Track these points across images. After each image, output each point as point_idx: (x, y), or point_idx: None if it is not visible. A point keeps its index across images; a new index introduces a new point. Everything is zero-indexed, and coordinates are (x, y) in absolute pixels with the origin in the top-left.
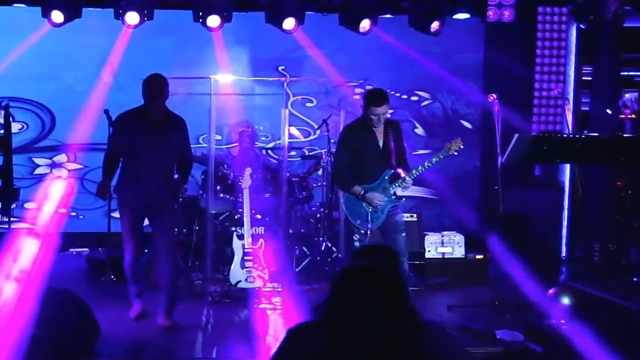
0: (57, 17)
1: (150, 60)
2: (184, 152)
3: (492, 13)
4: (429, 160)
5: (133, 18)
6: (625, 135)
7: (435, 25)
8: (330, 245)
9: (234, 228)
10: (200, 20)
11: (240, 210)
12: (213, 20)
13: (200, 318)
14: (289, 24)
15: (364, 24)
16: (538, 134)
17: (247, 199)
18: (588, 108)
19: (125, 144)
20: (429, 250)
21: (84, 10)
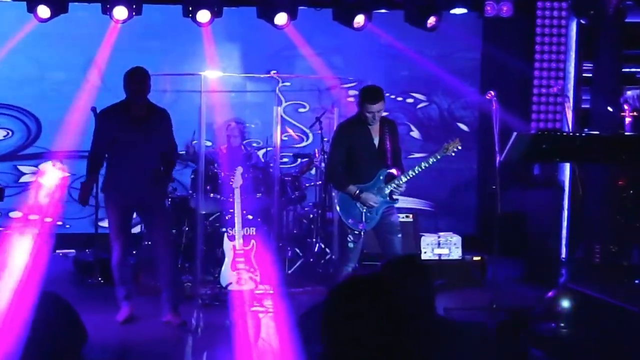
0: (43, 12)
1: (139, 58)
2: (169, 145)
3: (489, 8)
4: (426, 161)
5: (121, 13)
6: (627, 134)
7: (432, 21)
8: (324, 247)
9: (225, 229)
10: (190, 16)
11: (231, 211)
12: (203, 16)
13: (190, 321)
14: (281, 19)
15: (358, 20)
16: (537, 132)
17: (238, 199)
18: (588, 105)
19: (109, 140)
20: (425, 252)
21: (71, 5)
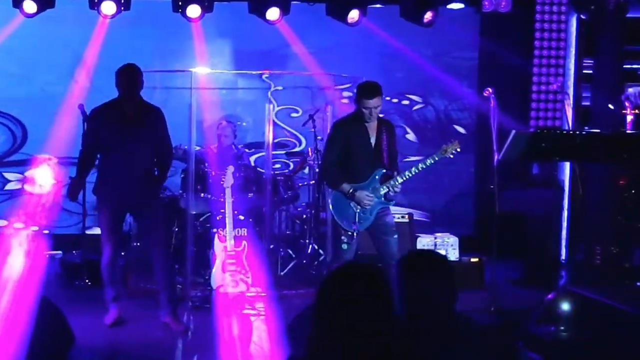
0: (29, 7)
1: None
2: (163, 144)
3: (487, 3)
4: (423, 162)
5: (109, 8)
6: (628, 132)
7: (428, 16)
8: (317, 248)
9: (216, 230)
10: (180, 11)
11: (222, 211)
12: (193, 10)
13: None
14: (273, 15)
15: (353, 15)
16: (536, 130)
17: (229, 199)
18: (589, 103)
19: (101, 140)
20: None
21: (58, 1)
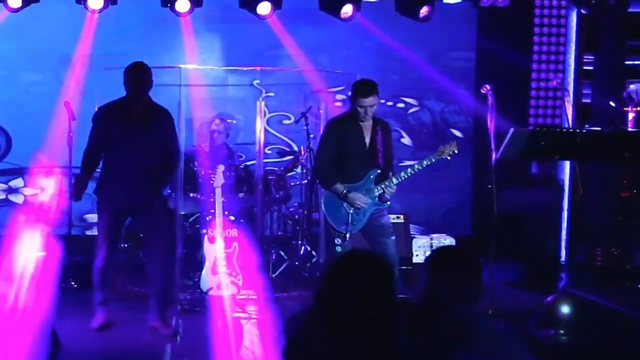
0: (14, 1)
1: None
2: (170, 147)
3: None
4: (419, 163)
5: (96, 2)
6: (630, 130)
7: (424, 11)
8: (310, 249)
9: (205, 230)
10: (169, 5)
11: (212, 211)
12: (182, 5)
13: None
14: (264, 9)
15: (346, 9)
16: (535, 128)
17: (219, 199)
18: (589, 100)
19: (105, 139)
20: (417, 255)
21: None
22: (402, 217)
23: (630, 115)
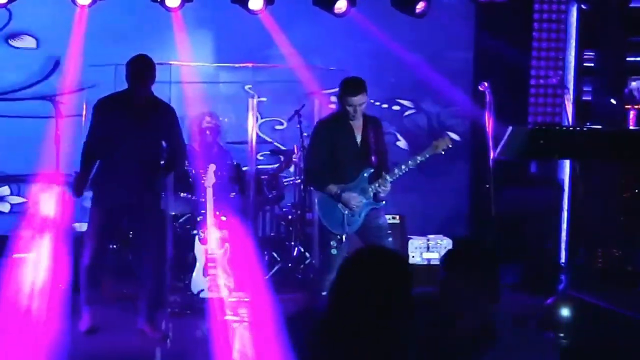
0: None
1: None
2: (172, 142)
3: None
4: (413, 159)
5: None
6: (632, 128)
7: (421, 6)
8: (303, 251)
9: (196, 231)
10: (159, 0)
11: (203, 212)
12: (172, 0)
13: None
14: (256, 4)
15: (340, 4)
16: (534, 127)
17: (210, 199)
18: (590, 98)
19: (105, 132)
20: (413, 256)
21: None
22: (397, 217)
23: (632, 114)
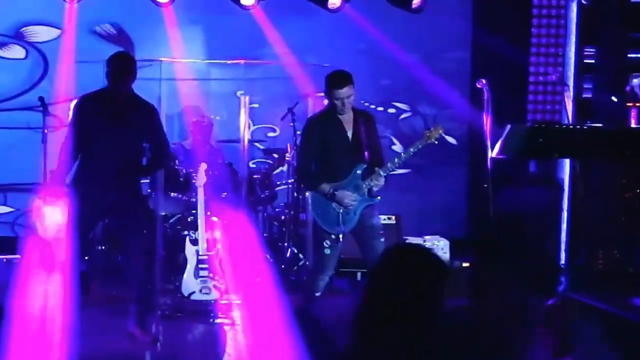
0: None
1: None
2: (154, 141)
3: None
4: (406, 151)
5: None
6: (633, 127)
7: (417, 1)
8: (297, 252)
9: (187, 232)
10: None
11: (194, 212)
12: None
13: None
14: None
15: (334, 0)
16: (533, 125)
17: (201, 199)
18: (590, 95)
19: (84, 131)
20: None
21: None
22: (393, 218)
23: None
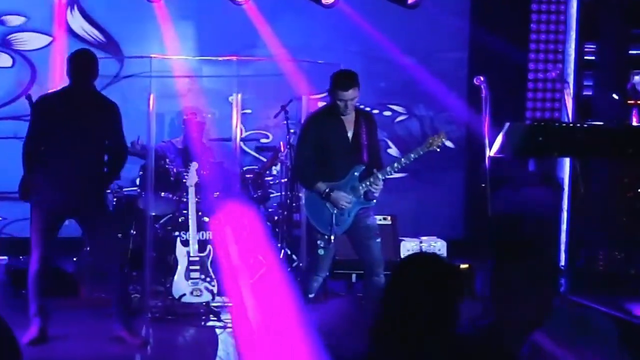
0: None
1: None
2: (114, 142)
3: None
4: (406, 156)
5: None
6: (634, 125)
7: None
8: (290, 253)
9: (178, 233)
10: None
11: (185, 212)
12: None
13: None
14: None
15: None
16: (532, 123)
17: (192, 199)
18: (591, 92)
19: (45, 131)
20: None
21: None
22: (389, 218)
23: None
